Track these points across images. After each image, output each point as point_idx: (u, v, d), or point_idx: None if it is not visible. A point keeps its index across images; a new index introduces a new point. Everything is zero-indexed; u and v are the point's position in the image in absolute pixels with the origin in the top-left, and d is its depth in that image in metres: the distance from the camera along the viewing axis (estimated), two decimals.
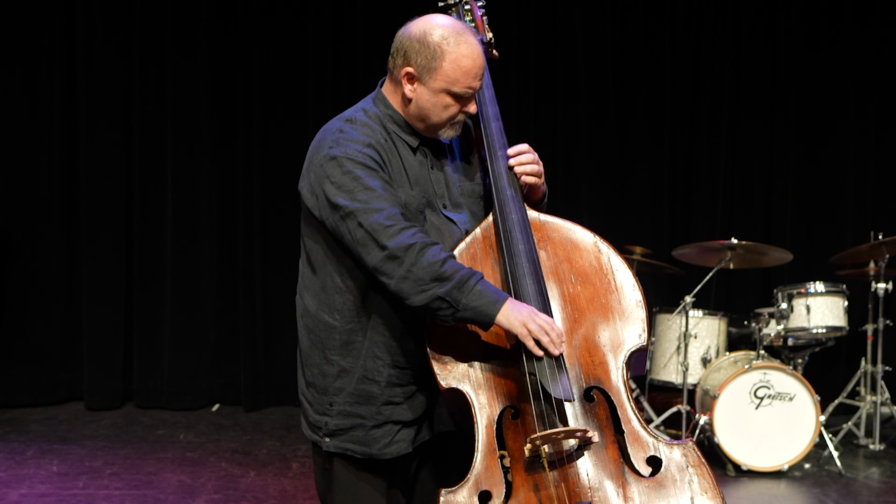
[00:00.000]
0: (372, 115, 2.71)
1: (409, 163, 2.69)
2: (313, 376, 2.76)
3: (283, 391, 6.84)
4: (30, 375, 6.70)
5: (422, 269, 2.50)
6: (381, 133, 2.67)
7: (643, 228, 7.02)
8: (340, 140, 2.62)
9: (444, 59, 2.58)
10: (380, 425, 2.70)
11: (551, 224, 2.74)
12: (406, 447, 2.73)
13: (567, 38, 6.98)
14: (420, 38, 2.60)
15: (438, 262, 2.50)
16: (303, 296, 2.77)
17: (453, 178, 2.77)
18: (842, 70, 7.01)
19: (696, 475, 2.55)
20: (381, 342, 2.68)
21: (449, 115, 2.65)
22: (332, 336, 2.70)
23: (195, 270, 6.83)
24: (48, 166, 6.71)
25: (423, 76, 2.61)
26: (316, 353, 2.74)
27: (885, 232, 5.96)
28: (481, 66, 2.64)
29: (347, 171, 2.56)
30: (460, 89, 2.61)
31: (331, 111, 6.59)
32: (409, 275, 2.51)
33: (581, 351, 2.64)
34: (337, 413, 2.72)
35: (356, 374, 2.70)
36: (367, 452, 2.71)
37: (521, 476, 2.56)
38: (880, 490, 5.44)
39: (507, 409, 2.60)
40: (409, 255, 2.50)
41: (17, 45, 6.64)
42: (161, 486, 5.08)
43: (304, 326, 2.77)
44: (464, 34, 2.62)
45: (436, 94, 2.62)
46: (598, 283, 2.69)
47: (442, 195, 2.73)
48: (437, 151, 2.76)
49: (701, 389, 5.93)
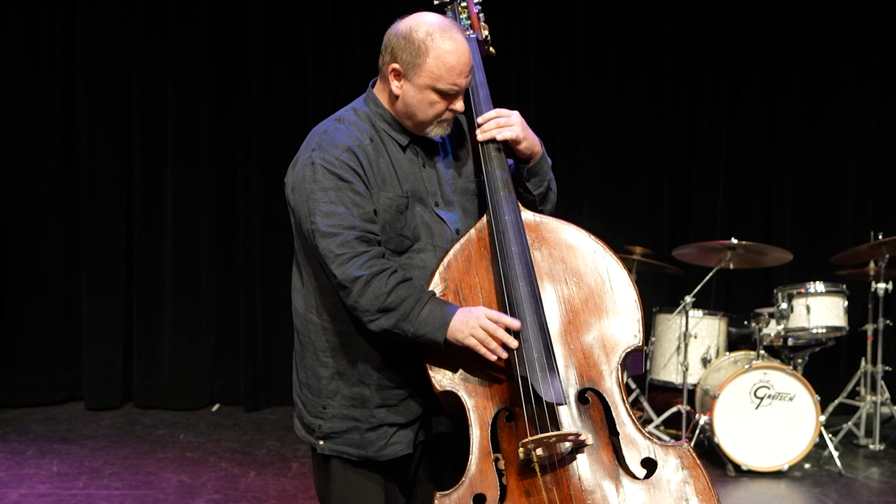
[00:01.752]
0: (362, 114, 2.71)
1: (398, 161, 2.68)
2: (307, 377, 2.76)
3: (283, 391, 6.85)
4: (30, 375, 6.71)
5: (367, 302, 2.53)
6: (369, 132, 2.67)
7: (643, 228, 7.02)
8: (323, 143, 2.63)
9: (428, 56, 2.58)
10: (374, 428, 2.70)
11: (546, 224, 2.73)
12: (403, 448, 2.72)
13: (567, 35, 6.98)
14: (406, 35, 2.60)
15: (383, 295, 2.52)
16: (294, 296, 2.79)
17: (446, 175, 2.76)
18: (842, 70, 7.01)
19: (691, 477, 2.54)
20: (373, 345, 2.67)
21: (435, 113, 2.64)
22: (324, 338, 2.71)
23: (195, 270, 6.84)
24: (48, 166, 6.72)
25: (409, 73, 2.61)
26: (308, 354, 2.74)
27: (885, 232, 5.95)
28: (467, 63, 2.61)
29: (319, 181, 2.58)
30: (445, 86, 2.60)
31: (329, 113, 6.68)
32: (356, 305, 2.54)
33: (576, 352, 2.63)
34: (331, 416, 2.72)
35: (351, 378, 2.70)
36: (364, 455, 2.71)
37: (515, 479, 2.55)
38: (880, 490, 5.43)
39: (501, 411, 2.60)
40: (355, 286, 2.53)
41: (17, 44, 6.65)
42: (161, 486, 5.08)
43: (296, 327, 2.78)
44: (449, 31, 2.61)
45: (421, 90, 2.61)
46: (593, 284, 2.67)
47: (434, 193, 2.72)
48: (430, 149, 2.75)
49: (701, 389, 5.92)
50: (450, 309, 2.54)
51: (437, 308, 2.54)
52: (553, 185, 2.88)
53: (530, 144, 2.75)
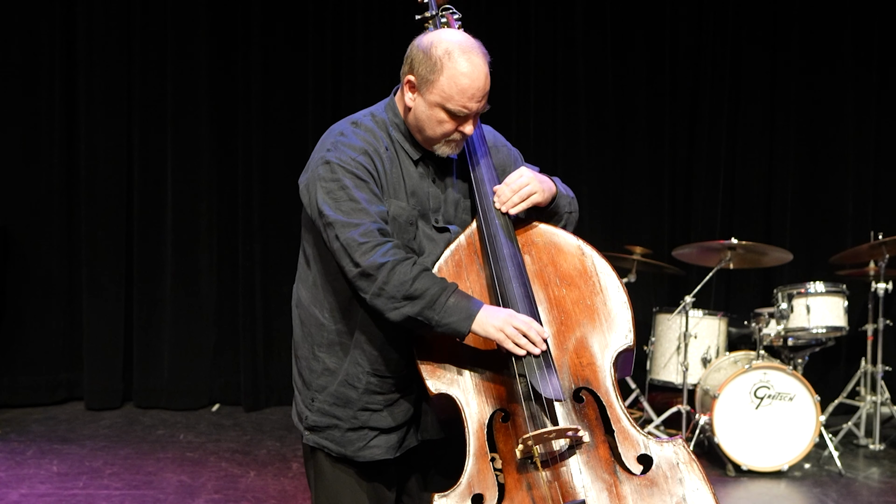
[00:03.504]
0: (379, 120, 2.70)
1: (409, 173, 2.68)
2: (301, 368, 2.79)
3: (283, 391, 6.85)
4: (30, 375, 6.71)
5: (393, 288, 2.51)
6: (385, 141, 2.67)
7: (643, 228, 7.03)
8: (338, 144, 2.62)
9: (442, 74, 2.56)
10: (355, 429, 2.73)
11: (535, 229, 2.76)
12: (383, 453, 2.74)
13: (567, 42, 6.98)
14: (426, 49, 2.59)
15: (409, 281, 2.51)
16: (298, 286, 2.80)
17: (454, 194, 2.76)
18: (842, 70, 7.01)
19: (687, 472, 2.56)
20: (364, 349, 2.69)
21: (443, 132, 2.62)
22: (321, 333, 2.72)
23: (195, 270, 6.84)
24: (48, 166, 6.72)
25: (422, 87, 2.60)
26: (305, 345, 2.76)
27: (885, 232, 5.96)
28: (480, 88, 2.59)
29: (336, 179, 2.57)
30: (454, 107, 2.58)
31: (329, 114, 6.72)
32: (381, 292, 2.52)
33: (569, 353, 2.66)
34: (316, 410, 2.75)
35: (339, 376, 2.72)
36: (342, 453, 2.75)
37: (513, 477, 2.57)
38: (880, 490, 5.43)
39: (497, 412, 2.62)
40: (380, 273, 2.51)
41: (17, 44, 6.65)
42: (161, 486, 5.08)
43: (298, 317, 2.79)
44: (469, 52, 2.58)
45: (431, 107, 2.60)
46: (584, 286, 2.71)
47: (437, 210, 2.73)
48: (442, 166, 2.75)
49: (701, 389, 5.92)
50: (476, 302, 2.55)
51: (463, 300, 2.54)
52: (574, 207, 2.87)
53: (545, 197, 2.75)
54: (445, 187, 2.75)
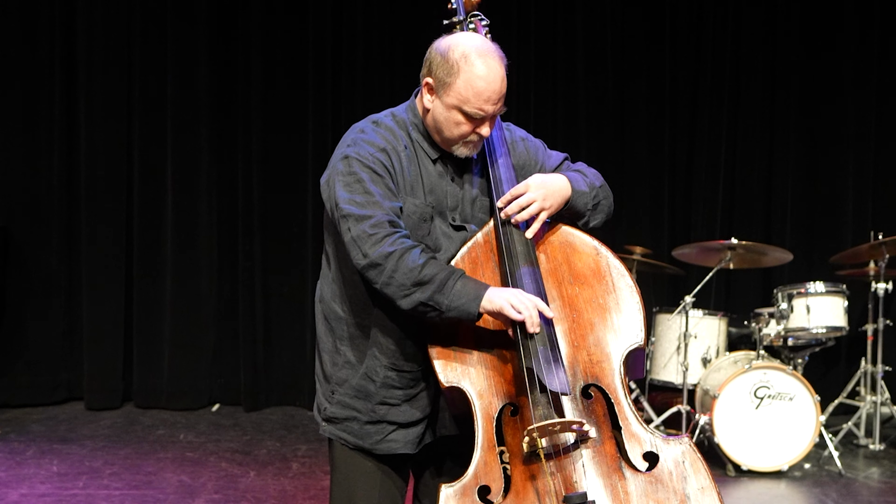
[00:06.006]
0: (399, 120, 2.75)
1: (427, 171, 2.73)
2: (324, 363, 2.84)
3: (283, 391, 6.86)
4: (30, 375, 6.71)
5: (402, 275, 2.55)
6: (404, 140, 2.71)
7: (643, 228, 7.03)
8: (358, 140, 2.68)
9: (459, 77, 2.60)
10: (374, 422, 2.77)
11: (552, 228, 2.80)
12: (400, 447, 2.77)
13: (567, 37, 6.99)
14: (443, 52, 2.64)
15: (418, 268, 2.54)
16: (321, 282, 2.85)
17: (472, 193, 2.80)
18: (842, 70, 7.02)
19: (693, 470, 2.59)
20: (381, 344, 2.73)
21: (460, 133, 2.67)
22: (342, 327, 2.77)
23: (195, 270, 6.84)
24: (48, 166, 6.72)
25: (439, 90, 2.64)
26: (329, 339, 2.81)
27: (885, 232, 5.96)
28: (496, 91, 2.62)
29: (353, 172, 2.62)
30: (471, 109, 2.62)
31: (330, 114, 6.72)
32: (391, 281, 2.56)
33: (580, 350, 2.69)
34: (336, 402, 2.79)
35: (360, 370, 2.76)
36: (359, 444, 2.78)
37: (519, 470, 2.59)
38: (880, 490, 5.44)
39: (506, 406, 2.65)
40: (389, 262, 2.55)
41: (17, 44, 6.65)
42: (161, 486, 5.08)
43: (321, 312, 2.84)
44: (486, 56, 2.62)
45: (448, 109, 2.64)
46: (597, 285, 2.75)
47: (454, 208, 2.77)
48: (460, 165, 2.79)
49: (701, 389, 5.92)
50: (482, 284, 2.59)
51: (471, 282, 2.59)
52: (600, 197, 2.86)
53: (553, 208, 2.75)
54: (463, 185, 2.79)
